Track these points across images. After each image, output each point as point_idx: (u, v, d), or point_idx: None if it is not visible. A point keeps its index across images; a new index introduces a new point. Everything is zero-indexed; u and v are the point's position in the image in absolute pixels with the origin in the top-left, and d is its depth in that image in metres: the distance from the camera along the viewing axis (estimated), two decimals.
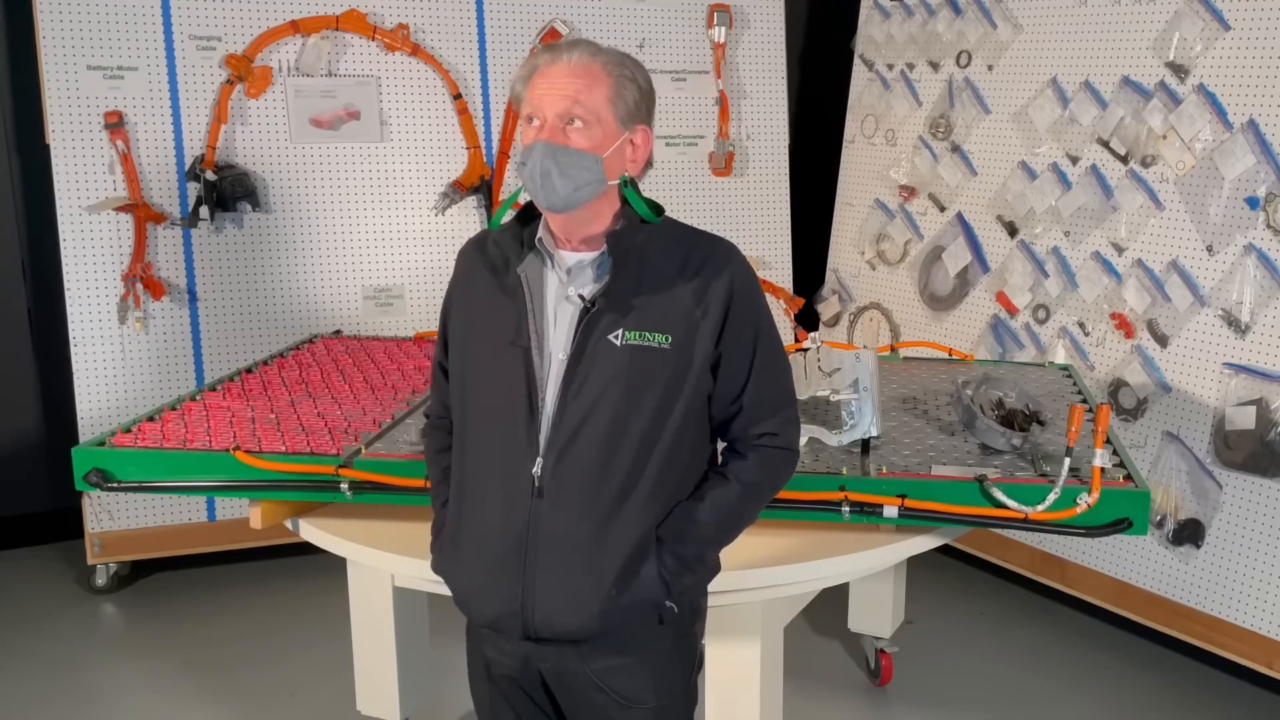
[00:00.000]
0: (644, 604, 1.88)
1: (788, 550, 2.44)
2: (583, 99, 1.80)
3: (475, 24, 4.31)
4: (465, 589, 1.95)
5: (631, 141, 1.87)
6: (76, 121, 3.91)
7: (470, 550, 1.92)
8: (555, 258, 1.89)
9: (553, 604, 1.85)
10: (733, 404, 1.92)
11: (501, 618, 1.89)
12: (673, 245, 1.90)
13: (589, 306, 1.84)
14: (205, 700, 3.47)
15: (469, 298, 1.97)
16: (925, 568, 4.03)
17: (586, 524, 1.84)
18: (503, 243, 1.93)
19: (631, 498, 1.85)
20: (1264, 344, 3.29)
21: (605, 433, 1.83)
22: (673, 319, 1.85)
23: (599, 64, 1.82)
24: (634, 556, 1.85)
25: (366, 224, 4.26)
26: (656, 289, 1.85)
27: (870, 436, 2.65)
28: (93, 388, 3.99)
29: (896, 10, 4.43)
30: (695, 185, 4.60)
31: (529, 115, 1.83)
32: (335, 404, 2.97)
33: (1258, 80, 3.30)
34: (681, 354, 1.85)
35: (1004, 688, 3.54)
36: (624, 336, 1.83)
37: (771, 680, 2.57)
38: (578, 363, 1.83)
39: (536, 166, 1.80)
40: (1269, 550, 3.28)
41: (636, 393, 1.83)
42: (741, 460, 1.95)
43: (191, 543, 4.17)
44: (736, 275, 1.89)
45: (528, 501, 1.85)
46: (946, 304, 4.25)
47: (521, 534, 1.86)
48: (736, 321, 1.87)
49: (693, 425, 1.90)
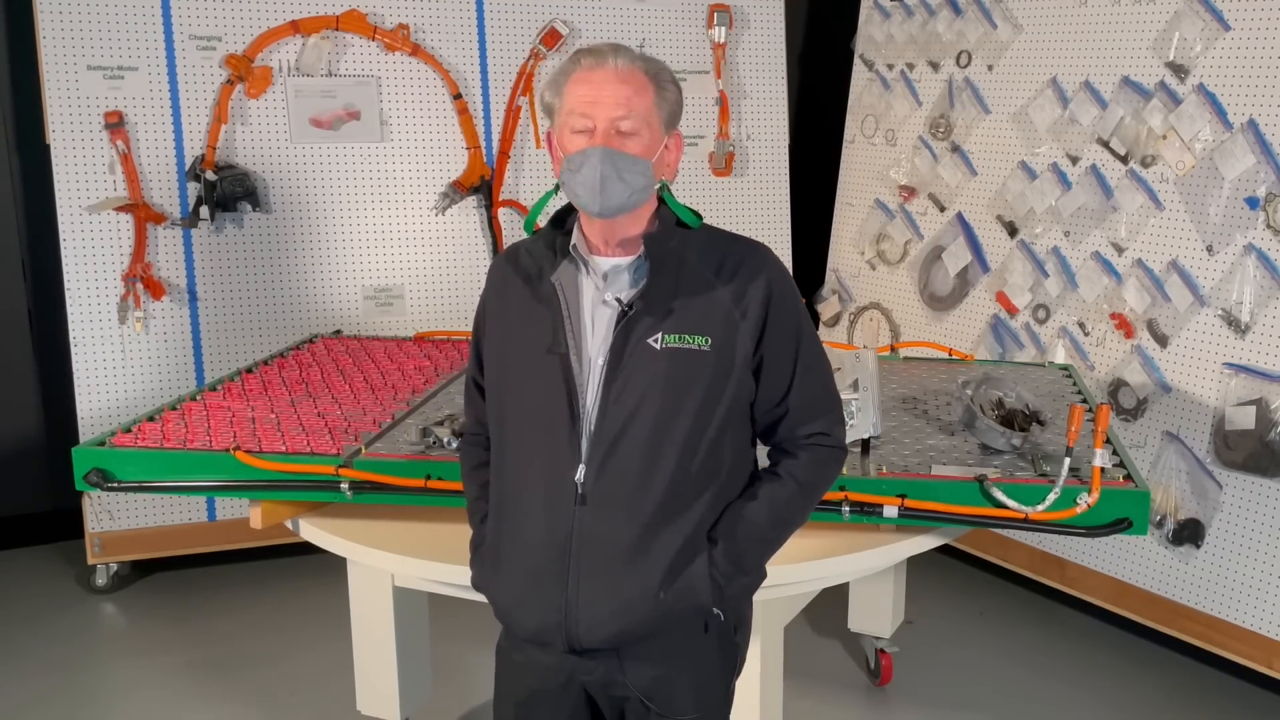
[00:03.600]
0: (692, 608, 1.86)
1: (788, 550, 2.43)
2: (634, 105, 1.80)
3: (475, 24, 4.31)
4: (507, 602, 1.92)
5: (667, 146, 1.88)
6: (76, 121, 3.91)
7: (511, 562, 1.90)
8: (590, 263, 1.88)
9: (597, 611, 1.83)
10: (778, 406, 1.91)
11: (544, 629, 1.87)
12: (708, 248, 1.89)
13: (626, 310, 1.83)
14: (205, 700, 3.47)
15: (503, 310, 1.95)
16: (925, 568, 4.03)
17: (631, 529, 1.82)
18: (535, 251, 1.92)
19: (676, 502, 1.83)
20: (1264, 344, 3.29)
21: (648, 436, 1.81)
22: (712, 321, 1.84)
23: (641, 69, 1.82)
24: (682, 560, 1.84)
25: (366, 224, 4.26)
26: (694, 291, 1.85)
27: (870, 436, 2.65)
28: (93, 388, 3.99)
29: (896, 10, 4.43)
30: (695, 185, 4.61)
31: (580, 124, 1.81)
32: (335, 404, 2.97)
33: (1258, 80, 3.30)
34: (722, 355, 1.84)
35: (1004, 687, 3.54)
36: (663, 339, 1.82)
37: (771, 680, 2.57)
38: (618, 366, 1.82)
39: (595, 172, 1.78)
40: (1269, 550, 3.28)
41: (678, 395, 1.82)
42: (794, 459, 1.93)
43: (191, 543, 4.17)
44: (774, 277, 1.88)
45: (570, 509, 1.83)
46: (946, 304, 4.25)
47: (564, 543, 1.83)
48: (777, 323, 1.87)
49: (735, 427, 1.89)
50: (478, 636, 3.31)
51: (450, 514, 2.47)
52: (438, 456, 2.57)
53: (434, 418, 2.78)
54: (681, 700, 1.92)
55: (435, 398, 3.02)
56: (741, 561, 1.88)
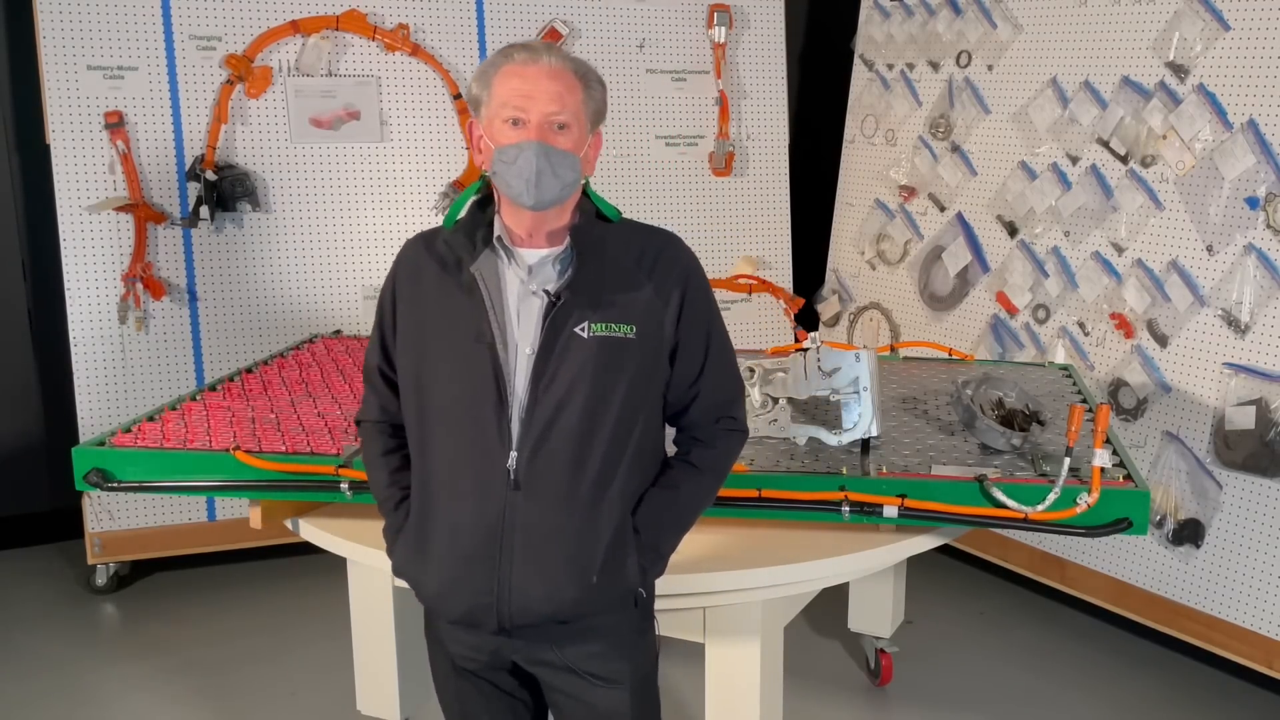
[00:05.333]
0: (621, 590, 1.93)
1: (788, 550, 2.45)
2: (566, 102, 1.86)
3: (475, 24, 4.31)
4: (435, 587, 1.96)
5: (591, 144, 1.95)
6: (76, 121, 3.92)
7: (439, 548, 1.94)
8: (515, 254, 1.92)
9: (530, 593, 1.89)
10: (690, 388, 1.99)
11: (474, 611, 1.91)
12: (628, 239, 1.97)
13: (555, 300, 1.88)
14: (205, 700, 3.47)
15: (418, 297, 1.98)
16: (925, 568, 4.03)
17: (565, 514, 1.88)
18: (454, 242, 1.95)
19: (610, 486, 1.90)
20: (1264, 344, 3.29)
21: (579, 423, 1.87)
22: (636, 309, 1.91)
23: (570, 69, 1.89)
24: (614, 545, 1.91)
25: (366, 224, 4.26)
26: (618, 281, 1.92)
27: (870, 436, 2.65)
28: (93, 388, 3.99)
29: (896, 10, 4.43)
30: (695, 185, 4.60)
31: (511, 116, 1.85)
32: (335, 404, 2.97)
33: (1258, 80, 3.30)
34: (645, 343, 1.91)
35: (1004, 688, 3.54)
36: (591, 328, 1.88)
37: (771, 680, 2.57)
38: (548, 356, 1.87)
39: (530, 165, 1.83)
40: (1269, 550, 3.28)
41: (607, 383, 1.88)
42: (708, 449, 2.02)
43: (191, 543, 4.17)
44: (690, 266, 1.99)
45: (503, 494, 1.88)
46: (946, 304, 4.25)
47: (495, 526, 1.88)
48: (692, 310, 1.96)
49: (654, 412, 1.97)
50: None
51: None
52: None
53: None
54: (616, 670, 1.99)
55: None
56: (661, 547, 1.99)
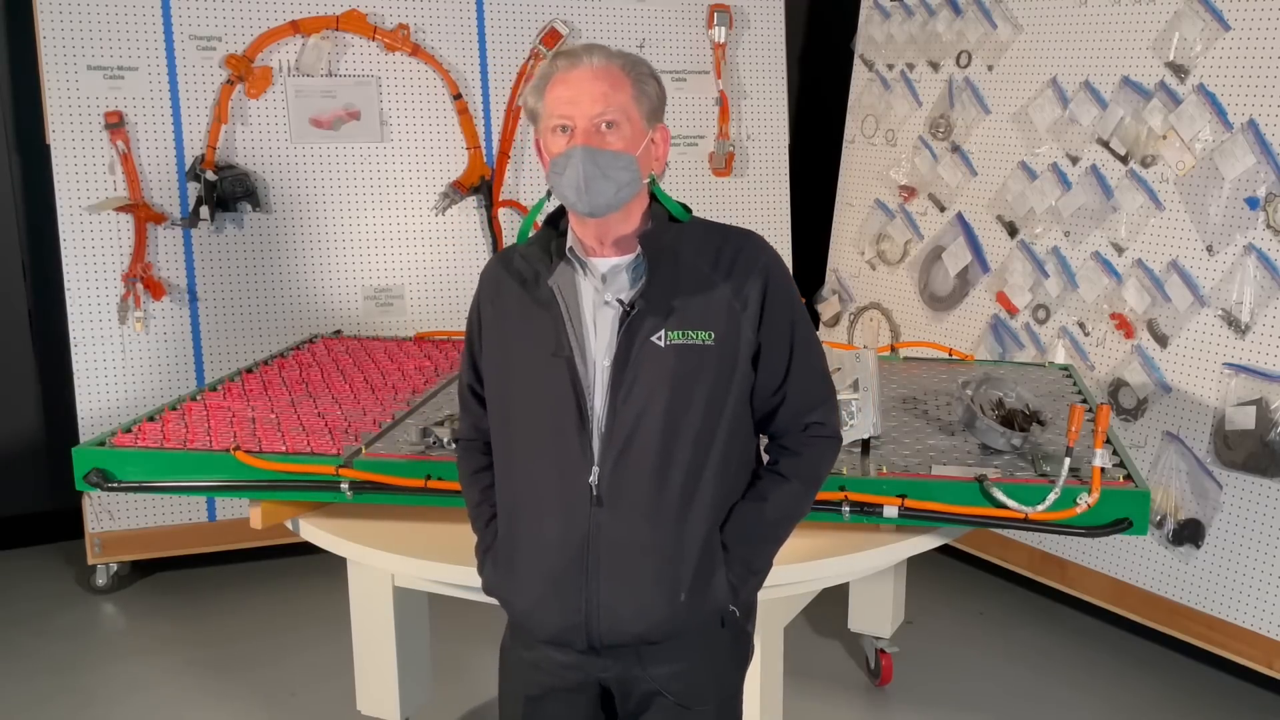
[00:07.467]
0: (711, 608, 1.88)
1: (788, 550, 2.43)
2: (612, 100, 1.80)
3: (475, 24, 4.31)
4: (525, 605, 1.92)
5: (653, 140, 1.87)
6: (77, 121, 3.91)
7: (527, 566, 1.90)
8: (588, 265, 1.88)
9: (620, 611, 1.84)
10: (775, 394, 1.92)
11: (564, 630, 1.87)
12: (704, 241, 1.90)
13: (629, 310, 1.83)
14: (205, 700, 3.47)
15: (499, 315, 1.94)
16: (925, 568, 4.03)
17: (651, 528, 1.83)
18: (531, 256, 1.92)
19: (695, 498, 1.84)
20: (1264, 344, 3.29)
21: (660, 435, 1.82)
22: (713, 315, 1.85)
23: (617, 65, 1.82)
24: (704, 561, 1.86)
25: (366, 224, 4.26)
26: (694, 286, 1.85)
27: (870, 436, 2.65)
28: (93, 388, 3.99)
29: (896, 10, 4.43)
30: (695, 185, 4.61)
31: (559, 124, 1.81)
32: (335, 404, 2.97)
33: (1258, 80, 3.30)
34: (725, 349, 1.85)
35: (1004, 688, 3.54)
36: (667, 337, 1.83)
37: (771, 680, 2.57)
38: (624, 367, 1.82)
39: (579, 171, 1.78)
40: (1269, 550, 3.28)
41: (686, 392, 1.83)
42: (795, 457, 1.95)
43: (191, 543, 4.17)
44: (770, 266, 1.90)
45: (587, 511, 1.84)
46: (946, 304, 4.25)
47: (582, 544, 1.84)
48: (774, 311, 1.88)
49: (743, 420, 1.90)
50: (478, 636, 3.32)
51: (450, 514, 2.47)
52: (438, 456, 2.57)
53: (434, 418, 2.79)
54: (701, 691, 1.94)
55: (435, 398, 3.02)
56: (753, 563, 1.91)
